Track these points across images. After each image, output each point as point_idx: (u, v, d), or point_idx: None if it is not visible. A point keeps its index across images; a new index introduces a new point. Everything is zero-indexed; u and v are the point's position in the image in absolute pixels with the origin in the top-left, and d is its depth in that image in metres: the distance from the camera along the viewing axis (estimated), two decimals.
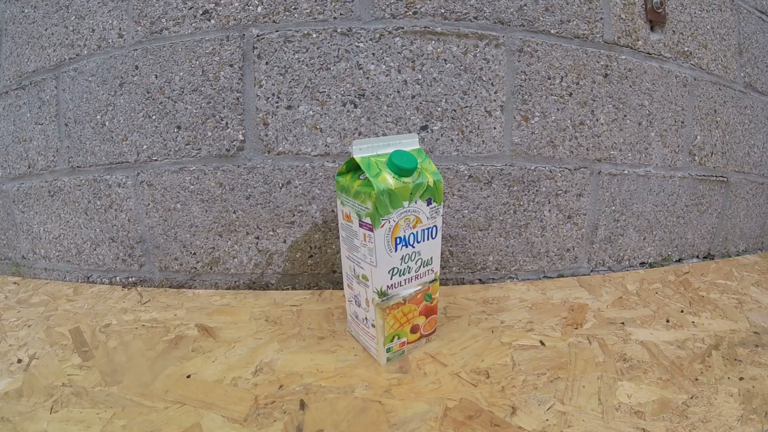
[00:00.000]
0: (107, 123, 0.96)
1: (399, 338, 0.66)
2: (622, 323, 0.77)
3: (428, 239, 0.65)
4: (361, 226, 0.61)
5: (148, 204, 0.97)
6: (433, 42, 0.88)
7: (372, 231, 0.59)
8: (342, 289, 0.95)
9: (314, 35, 0.87)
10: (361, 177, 0.61)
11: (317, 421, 0.54)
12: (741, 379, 0.61)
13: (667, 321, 0.78)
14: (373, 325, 0.64)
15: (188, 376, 0.63)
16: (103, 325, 0.81)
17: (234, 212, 0.94)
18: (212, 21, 0.88)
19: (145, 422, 0.54)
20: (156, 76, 0.92)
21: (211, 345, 0.72)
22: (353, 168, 0.65)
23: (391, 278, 0.62)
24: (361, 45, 0.87)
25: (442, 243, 0.95)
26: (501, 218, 0.96)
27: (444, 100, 0.90)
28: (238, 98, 0.90)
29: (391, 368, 0.65)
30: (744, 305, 0.84)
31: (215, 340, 0.74)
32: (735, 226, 1.20)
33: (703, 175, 1.10)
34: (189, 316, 0.84)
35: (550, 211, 0.98)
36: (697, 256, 1.16)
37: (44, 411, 0.57)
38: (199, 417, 0.55)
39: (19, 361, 0.70)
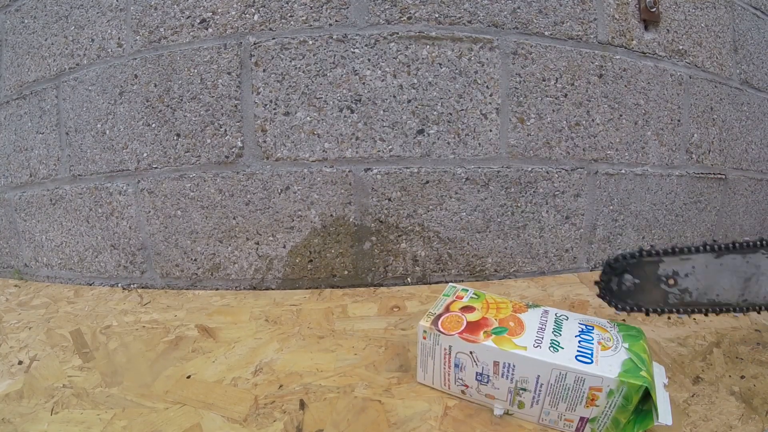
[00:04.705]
0: (107, 131, 0.97)
1: None
2: (623, 320, 0.77)
3: None
4: None
5: (149, 211, 0.98)
6: (428, 46, 0.89)
7: None
8: (341, 288, 0.95)
9: (310, 42, 0.88)
10: None
11: (317, 421, 0.54)
12: (742, 377, 0.60)
13: (669, 318, 0.77)
14: None
15: (188, 377, 0.64)
16: (103, 326, 0.82)
17: (234, 218, 0.95)
18: (210, 30, 0.90)
19: (146, 423, 0.54)
20: (155, 85, 0.93)
21: (211, 345, 0.73)
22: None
23: None
24: (356, 51, 0.88)
25: (440, 245, 0.95)
26: (499, 220, 0.96)
27: (440, 104, 0.91)
28: (236, 105, 0.91)
29: (391, 367, 0.65)
30: None
31: (215, 341, 0.74)
32: (734, 224, 1.20)
33: (701, 173, 1.11)
34: (189, 316, 0.84)
35: (547, 212, 0.98)
36: None
37: (45, 412, 0.57)
38: (199, 417, 0.55)
39: (20, 362, 0.70)
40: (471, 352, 0.53)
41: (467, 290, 0.64)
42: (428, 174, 0.92)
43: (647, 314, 0.53)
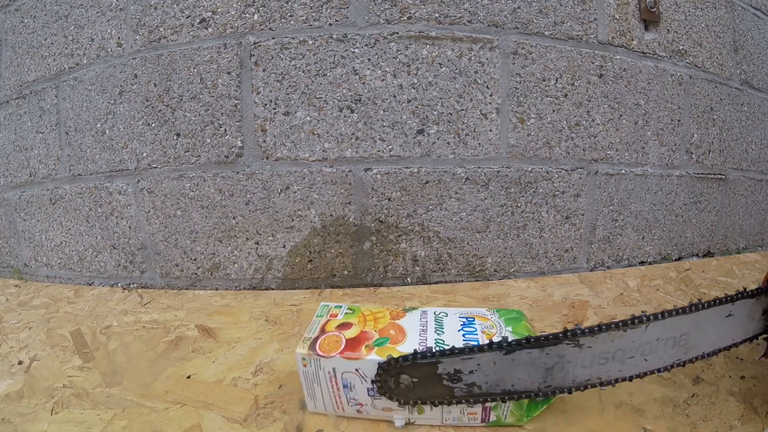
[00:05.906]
0: (107, 131, 0.97)
1: None
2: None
3: None
4: None
5: (149, 211, 0.98)
6: (428, 46, 0.89)
7: None
8: (341, 287, 0.95)
9: (310, 42, 0.88)
10: None
11: (317, 421, 0.54)
12: (742, 377, 0.60)
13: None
14: None
15: (188, 377, 0.63)
16: (103, 326, 0.82)
17: (234, 218, 0.95)
18: (209, 29, 0.89)
19: (146, 423, 0.54)
20: (155, 85, 0.93)
21: (211, 345, 0.73)
22: None
23: None
24: (356, 51, 0.88)
25: (440, 245, 0.95)
26: (499, 220, 0.96)
27: (440, 104, 0.91)
28: (236, 105, 0.91)
29: None
30: None
31: (215, 341, 0.74)
32: (734, 224, 1.20)
33: (701, 173, 1.11)
34: (189, 316, 0.84)
35: (547, 212, 0.98)
36: (697, 255, 1.15)
37: (45, 412, 0.57)
38: (199, 417, 0.55)
39: (20, 362, 0.70)
40: (357, 370, 0.50)
41: (341, 307, 0.61)
42: (428, 174, 0.92)
43: (435, 405, 0.49)
